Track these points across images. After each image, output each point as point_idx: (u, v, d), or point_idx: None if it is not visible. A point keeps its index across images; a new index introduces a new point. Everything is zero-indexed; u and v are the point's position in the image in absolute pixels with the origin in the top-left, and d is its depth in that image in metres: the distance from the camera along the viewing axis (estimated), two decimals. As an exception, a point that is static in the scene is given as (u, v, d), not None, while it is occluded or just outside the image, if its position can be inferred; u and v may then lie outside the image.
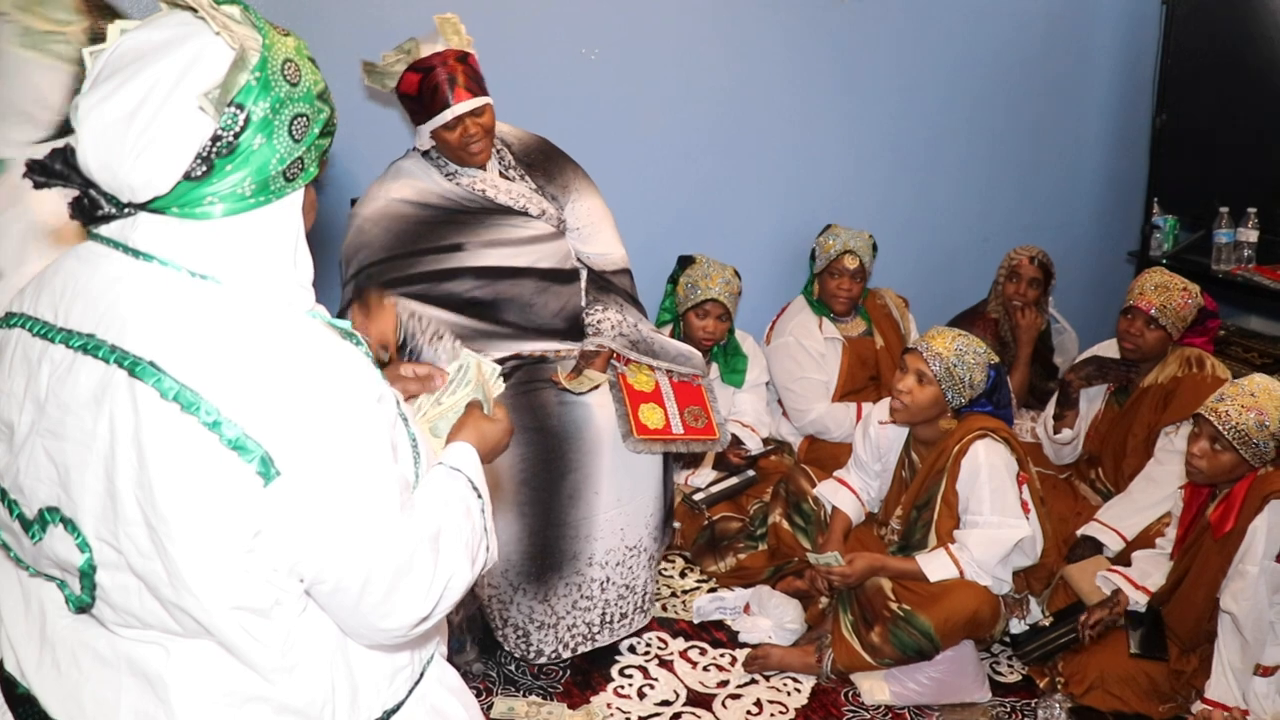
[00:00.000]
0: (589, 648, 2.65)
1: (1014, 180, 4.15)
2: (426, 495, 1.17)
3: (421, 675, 1.24)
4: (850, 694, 2.62)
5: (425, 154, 2.55)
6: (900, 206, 3.92)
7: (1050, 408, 3.25)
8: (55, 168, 1.00)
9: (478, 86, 2.43)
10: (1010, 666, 2.74)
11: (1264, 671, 2.40)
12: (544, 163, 2.67)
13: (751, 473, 3.23)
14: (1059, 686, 2.58)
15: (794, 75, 3.60)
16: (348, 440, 1.02)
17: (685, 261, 3.31)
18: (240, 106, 0.99)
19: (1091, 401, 3.16)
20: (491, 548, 1.25)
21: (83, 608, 1.06)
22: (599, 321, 2.64)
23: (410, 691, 1.21)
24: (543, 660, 2.61)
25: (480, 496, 1.24)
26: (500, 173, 2.60)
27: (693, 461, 3.25)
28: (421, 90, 2.39)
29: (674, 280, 3.32)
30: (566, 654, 2.62)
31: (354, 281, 2.48)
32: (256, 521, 0.99)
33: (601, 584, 2.62)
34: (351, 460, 1.02)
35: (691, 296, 3.22)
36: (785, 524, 2.98)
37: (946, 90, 3.90)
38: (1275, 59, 3.78)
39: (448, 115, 2.41)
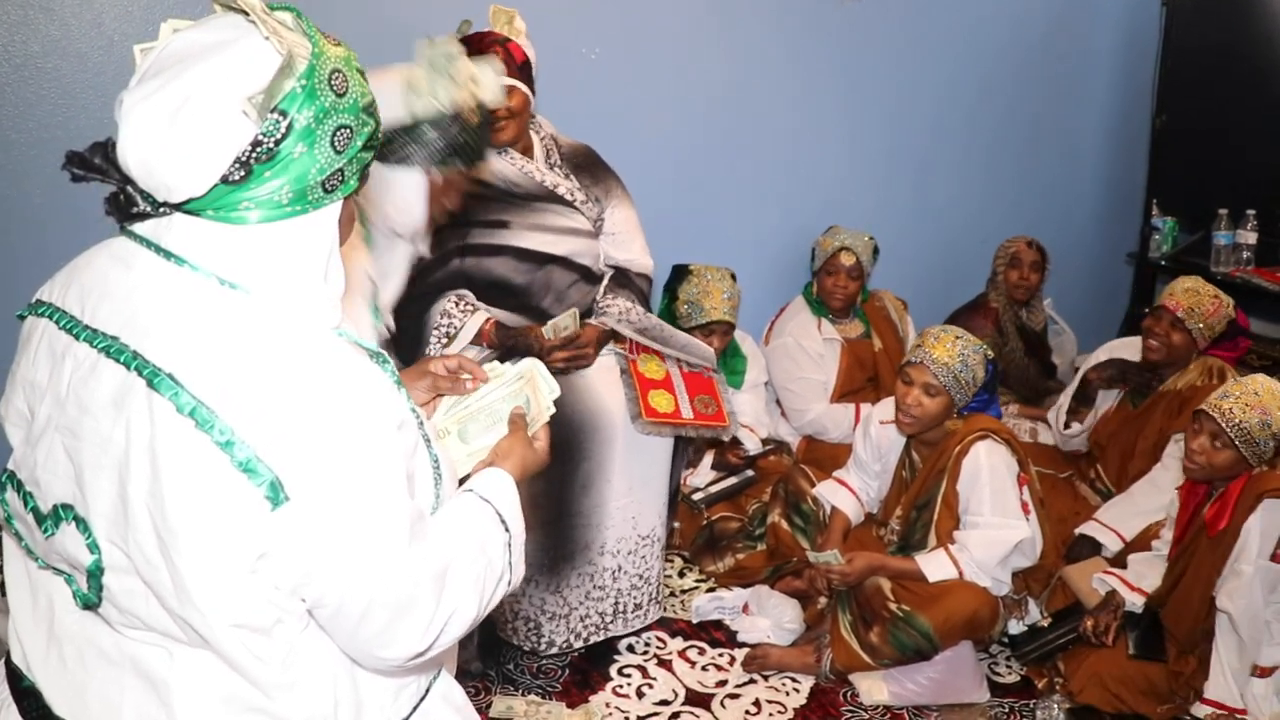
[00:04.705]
0: (601, 637, 2.66)
1: (1013, 181, 4.15)
2: (443, 526, 1.14)
3: (427, 691, 1.23)
4: (849, 694, 2.62)
5: None
6: (899, 206, 3.91)
7: (1062, 398, 3.25)
8: (94, 161, 0.99)
9: (511, 70, 2.48)
10: (1009, 667, 2.74)
11: (1261, 672, 2.41)
12: (590, 167, 2.74)
13: (750, 473, 3.22)
14: (1057, 687, 2.58)
15: (794, 75, 3.59)
16: (361, 471, 1.01)
17: (681, 272, 3.27)
18: (283, 113, 0.97)
19: (1105, 397, 3.15)
20: (514, 581, 1.23)
21: (89, 605, 1.06)
22: (607, 306, 2.67)
23: (414, 708, 1.20)
24: (554, 651, 2.61)
25: (508, 531, 1.21)
26: (548, 166, 2.66)
27: (695, 456, 3.24)
28: None
29: (670, 291, 3.29)
30: (579, 644, 2.63)
31: None
32: (261, 544, 0.98)
33: (613, 573, 2.63)
34: (362, 492, 1.01)
35: (695, 317, 3.18)
36: (784, 524, 2.98)
37: (946, 91, 3.89)
38: (1275, 60, 3.79)
39: None
